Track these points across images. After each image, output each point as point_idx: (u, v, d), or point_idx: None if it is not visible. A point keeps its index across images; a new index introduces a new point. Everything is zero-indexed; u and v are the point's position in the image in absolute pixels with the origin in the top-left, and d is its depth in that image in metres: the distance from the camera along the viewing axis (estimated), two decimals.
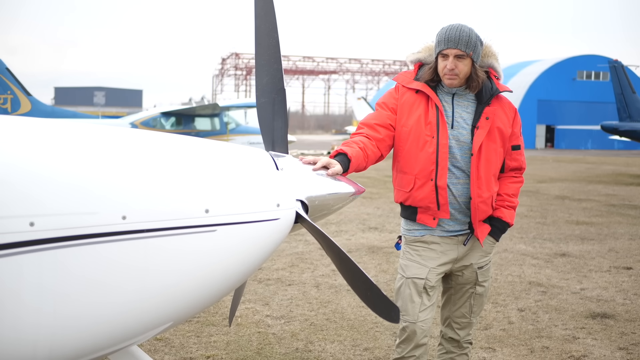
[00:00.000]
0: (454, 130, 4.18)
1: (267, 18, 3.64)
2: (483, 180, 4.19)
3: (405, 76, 4.33)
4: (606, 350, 6.10)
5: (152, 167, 2.97)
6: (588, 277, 9.14)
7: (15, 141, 2.77)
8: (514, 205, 4.36)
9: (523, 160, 4.42)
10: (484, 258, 4.38)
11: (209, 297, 3.12)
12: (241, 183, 3.17)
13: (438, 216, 4.20)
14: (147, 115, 28.08)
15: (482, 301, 4.47)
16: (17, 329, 2.63)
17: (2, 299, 2.58)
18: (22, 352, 2.67)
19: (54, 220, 2.63)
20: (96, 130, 3.11)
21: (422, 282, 4.21)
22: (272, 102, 3.67)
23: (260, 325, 6.64)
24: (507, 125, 4.26)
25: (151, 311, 2.94)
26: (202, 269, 2.99)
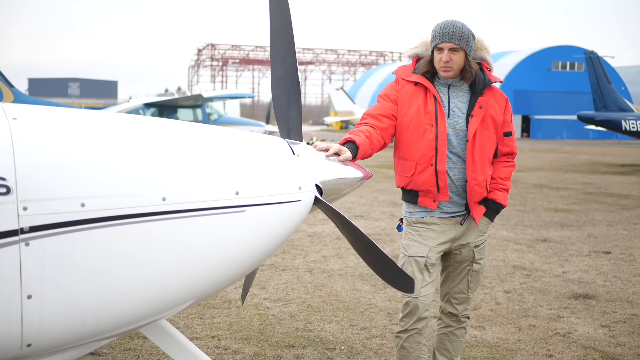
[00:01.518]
0: (450, 119, 4.47)
1: (282, 15, 3.90)
2: (478, 165, 4.47)
3: (404, 70, 4.62)
4: (589, 328, 6.44)
5: (188, 153, 3.24)
6: (569, 261, 9.50)
7: (67, 129, 3.03)
8: (506, 187, 4.68)
9: (514, 146, 4.72)
10: (480, 237, 4.66)
11: (235, 273, 3.39)
12: (266, 168, 3.44)
13: (438, 199, 4.48)
14: (129, 107, 28.16)
15: (479, 278, 4.76)
16: (69, 302, 2.90)
17: (57, 274, 2.84)
18: (72, 321, 2.93)
19: (102, 202, 2.89)
20: (135, 119, 3.38)
21: (423, 260, 4.49)
22: (287, 94, 3.94)
23: (260, 308, 6.91)
24: (499, 113, 4.56)
25: (185, 286, 3.20)
26: (232, 247, 3.25)
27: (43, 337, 2.89)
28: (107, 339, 3.23)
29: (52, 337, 2.92)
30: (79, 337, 3.02)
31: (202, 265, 3.19)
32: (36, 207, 2.78)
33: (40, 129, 2.98)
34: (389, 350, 5.78)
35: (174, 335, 3.70)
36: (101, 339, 3.17)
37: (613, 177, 24.05)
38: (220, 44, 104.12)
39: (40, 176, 2.82)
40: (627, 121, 28.80)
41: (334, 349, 5.78)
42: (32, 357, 2.97)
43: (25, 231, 2.76)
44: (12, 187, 2.74)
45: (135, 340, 5.81)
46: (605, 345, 5.98)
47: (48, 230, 2.80)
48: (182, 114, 27.90)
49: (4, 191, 2.72)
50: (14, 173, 2.75)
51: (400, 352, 4.60)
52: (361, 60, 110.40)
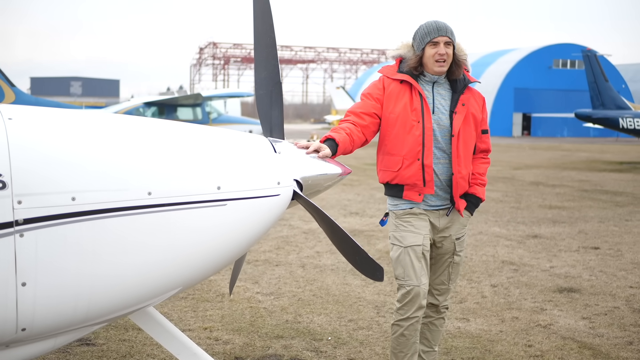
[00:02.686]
0: (435, 115, 4.69)
1: (265, 19, 4.13)
2: (462, 159, 4.71)
3: (389, 69, 4.81)
4: (571, 320, 6.65)
5: (172, 150, 3.47)
6: (557, 256, 9.71)
7: (59, 129, 3.25)
8: (484, 182, 4.93)
9: (489, 143, 5.00)
10: (461, 230, 4.87)
11: (218, 263, 3.61)
12: (247, 164, 3.66)
13: (424, 192, 4.67)
14: (130, 106, 28.43)
15: (459, 269, 4.96)
16: (61, 289, 3.12)
17: (49, 263, 3.06)
18: (64, 307, 3.15)
19: (91, 196, 3.12)
20: (122, 119, 3.60)
21: (420, 248, 4.66)
22: (269, 94, 4.17)
23: (252, 301, 7.13)
24: (478, 111, 4.81)
25: (170, 274, 3.43)
26: (214, 238, 3.48)
27: (37, 322, 3.11)
28: (98, 324, 3.45)
29: (45, 321, 3.14)
30: (70, 322, 3.24)
31: (186, 255, 3.41)
32: (30, 201, 3.00)
33: (34, 128, 3.20)
34: (374, 340, 6.00)
35: (164, 324, 3.93)
36: (92, 324, 3.39)
37: (610, 174, 24.24)
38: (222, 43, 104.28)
39: (34, 172, 3.04)
40: (625, 119, 28.99)
41: (321, 339, 5.99)
42: (26, 340, 3.19)
43: (20, 223, 2.98)
44: (8, 182, 2.96)
45: (129, 331, 6.03)
46: (584, 336, 6.19)
47: (41, 223, 3.03)
48: (182, 113, 28.15)
49: (0, 186, 2.94)
50: (10, 169, 2.97)
51: (399, 339, 4.70)
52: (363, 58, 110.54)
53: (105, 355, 5.51)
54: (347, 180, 19.66)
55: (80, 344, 5.71)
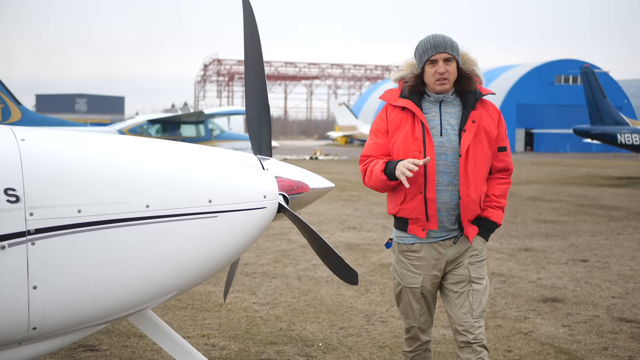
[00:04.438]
0: (443, 137, 4.36)
1: (254, 46, 4.52)
2: (471, 181, 4.35)
3: (391, 94, 4.52)
4: (552, 328, 6.99)
5: (168, 167, 3.85)
6: (546, 268, 10.05)
7: (66, 148, 3.65)
8: (501, 205, 4.52)
9: (509, 162, 4.58)
10: (475, 256, 4.50)
11: (210, 269, 3.98)
12: (235, 179, 4.03)
13: (427, 227, 4.39)
14: (134, 123, 28.91)
15: (481, 299, 4.50)
16: (68, 292, 3.48)
17: (58, 269, 3.43)
18: (71, 308, 3.52)
19: (95, 208, 3.50)
20: (123, 139, 3.99)
21: (418, 290, 4.50)
22: (258, 116, 4.56)
23: (248, 311, 7.48)
24: (492, 127, 4.43)
25: (166, 279, 3.80)
26: (206, 247, 3.85)
27: (46, 322, 3.48)
28: (101, 324, 3.81)
29: (54, 321, 3.50)
30: (76, 322, 3.61)
31: (181, 262, 3.78)
32: (41, 213, 3.37)
33: (44, 148, 3.58)
34: (362, 346, 6.34)
35: (161, 327, 4.30)
36: (95, 324, 3.75)
37: (608, 189, 24.54)
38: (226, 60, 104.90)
39: (44, 187, 3.41)
40: (623, 134, 29.36)
41: (312, 345, 6.34)
42: (37, 339, 3.56)
43: (31, 233, 3.35)
44: (21, 196, 3.33)
45: (132, 338, 6.39)
46: (562, 342, 6.52)
47: (51, 232, 3.40)
48: (185, 130, 28.61)
49: (14, 199, 3.31)
50: (23, 185, 3.34)
51: None
52: (367, 74, 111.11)
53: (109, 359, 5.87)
54: (347, 195, 20.10)
55: (85, 350, 6.07)
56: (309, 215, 15.49)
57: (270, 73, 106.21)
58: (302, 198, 4.56)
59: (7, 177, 3.33)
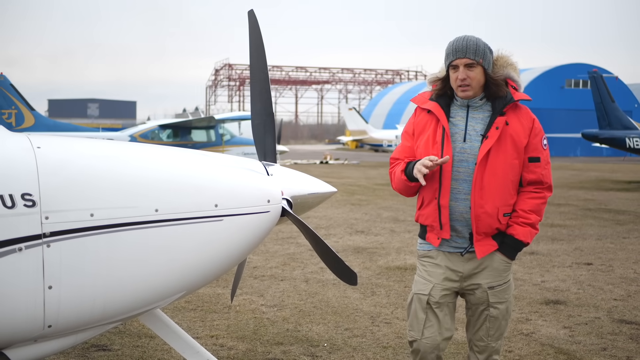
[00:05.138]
0: (466, 143, 4.19)
1: (259, 56, 4.71)
2: (487, 191, 4.13)
3: (422, 97, 4.42)
4: (552, 329, 7.13)
5: (176, 173, 4.04)
6: (550, 271, 10.18)
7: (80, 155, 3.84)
8: (530, 222, 4.22)
9: (544, 174, 4.28)
10: (496, 278, 4.28)
11: (216, 271, 4.17)
12: (241, 184, 4.22)
13: (441, 236, 4.24)
14: (145, 128, 29.20)
15: (500, 324, 4.34)
16: (81, 292, 3.67)
17: (72, 270, 3.62)
18: (84, 307, 3.71)
19: (107, 212, 3.69)
20: (133, 146, 4.18)
21: (425, 298, 4.26)
22: (263, 124, 4.74)
23: (256, 312, 7.66)
24: (522, 135, 4.19)
25: (174, 280, 3.98)
26: (212, 249, 4.04)
27: (61, 320, 3.67)
28: (112, 323, 4.00)
29: (68, 319, 3.69)
30: (89, 321, 3.80)
31: (188, 263, 3.97)
32: (56, 217, 3.56)
33: (59, 155, 3.78)
34: (366, 347, 6.51)
35: (170, 326, 4.50)
36: (107, 323, 3.94)
37: (616, 193, 24.59)
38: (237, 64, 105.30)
39: (59, 192, 3.61)
40: (631, 139, 29.38)
41: (318, 345, 6.52)
42: (52, 336, 3.75)
43: (47, 235, 3.54)
44: (37, 201, 3.52)
45: (142, 339, 6.58)
46: (562, 343, 6.67)
47: (65, 235, 3.59)
48: (196, 135, 28.85)
49: (31, 204, 3.50)
50: (39, 190, 3.54)
51: None
52: (377, 79, 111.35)
53: (120, 359, 6.05)
54: (356, 200, 20.29)
55: (97, 349, 6.26)
56: (319, 219, 15.69)
57: (282, 77, 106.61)
58: (306, 202, 4.75)
59: (24, 182, 3.52)
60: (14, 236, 3.47)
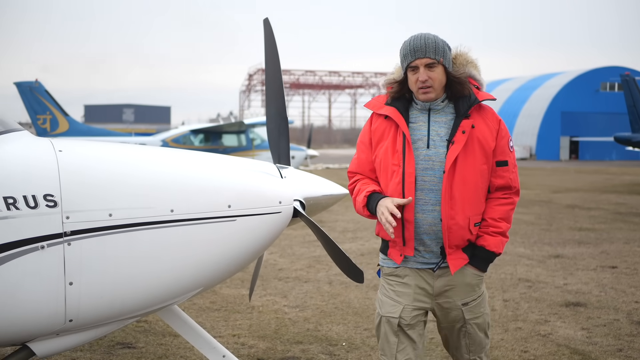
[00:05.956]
0: (431, 149, 3.87)
1: (274, 63, 4.88)
2: (457, 201, 3.84)
3: (377, 101, 4.07)
4: (570, 330, 7.20)
5: (191, 175, 4.22)
6: (574, 274, 10.22)
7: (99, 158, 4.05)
8: (500, 230, 3.95)
9: (512, 178, 3.99)
10: (469, 294, 3.99)
11: (230, 269, 4.34)
12: (253, 186, 4.39)
13: (404, 252, 3.94)
14: (177, 133, 29.59)
15: (479, 339, 4.08)
16: (101, 288, 3.86)
17: (91, 267, 3.81)
18: (103, 303, 3.90)
19: (125, 212, 3.87)
20: (150, 149, 4.38)
21: (396, 321, 3.96)
22: (278, 128, 4.91)
23: (279, 313, 7.83)
24: (489, 138, 3.90)
25: (189, 278, 4.16)
26: (226, 248, 4.21)
27: (81, 314, 3.86)
28: (131, 318, 4.19)
29: (88, 314, 3.88)
30: (108, 316, 3.99)
31: (203, 262, 4.15)
32: (76, 217, 3.76)
33: (79, 158, 3.98)
34: None
35: (187, 321, 4.68)
36: (126, 318, 4.13)
37: None
38: None
39: (79, 193, 3.80)
40: None
41: (336, 344, 6.66)
42: (73, 330, 3.94)
43: (68, 234, 3.73)
44: (58, 202, 3.72)
45: (166, 337, 6.77)
46: (579, 344, 6.74)
47: (85, 234, 3.78)
48: (227, 140, 29.14)
49: (53, 204, 3.70)
50: (60, 191, 3.73)
51: None
52: None
53: (144, 357, 6.25)
54: None
55: (122, 347, 6.47)
56: (346, 222, 15.86)
57: (315, 82, 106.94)
58: (319, 203, 4.90)
59: (46, 184, 3.72)
60: (36, 235, 3.67)
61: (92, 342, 6.48)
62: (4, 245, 3.62)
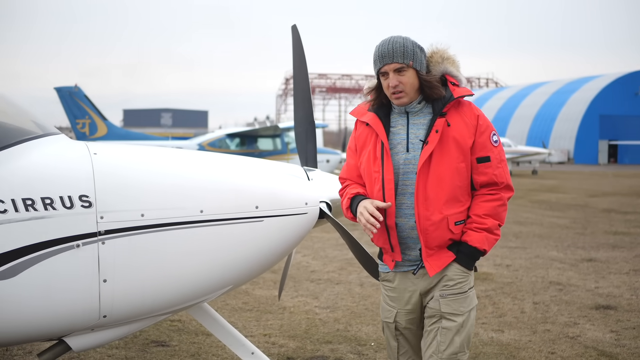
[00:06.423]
0: (410, 153, 3.85)
1: (301, 69, 5.02)
2: (432, 201, 3.80)
3: (360, 108, 4.07)
4: (599, 333, 7.23)
5: (220, 177, 4.36)
6: (606, 278, 10.20)
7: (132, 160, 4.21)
8: (485, 226, 3.85)
9: (497, 174, 3.89)
10: (448, 287, 3.89)
11: (257, 268, 4.48)
12: (280, 188, 4.52)
13: (394, 258, 3.98)
14: (213, 137, 29.88)
15: (453, 339, 3.85)
16: (133, 285, 4.02)
17: (124, 265, 3.97)
18: (135, 300, 4.05)
19: (156, 213, 4.03)
20: (180, 152, 4.54)
21: (392, 325, 4.04)
22: (305, 131, 5.04)
23: (309, 313, 7.96)
24: (465, 135, 3.82)
25: (218, 276, 4.30)
26: (254, 247, 4.35)
27: (115, 311, 4.02)
28: (163, 315, 4.34)
29: (121, 310, 4.04)
30: (141, 312, 4.14)
31: (231, 261, 4.29)
32: (110, 216, 3.92)
33: (113, 161, 4.15)
34: None
35: (217, 319, 4.83)
36: (158, 314, 4.29)
37: None
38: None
39: (113, 194, 3.96)
40: None
41: (365, 344, 6.77)
42: (107, 326, 4.10)
43: (102, 233, 3.90)
44: (93, 202, 3.89)
45: (199, 336, 6.94)
46: (607, 346, 6.77)
47: (118, 233, 3.94)
48: (262, 144, 29.37)
49: (87, 205, 3.87)
50: (94, 192, 3.90)
51: None
52: None
53: (177, 354, 6.41)
54: None
55: (156, 345, 6.65)
56: None
57: (351, 86, 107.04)
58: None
59: (82, 185, 3.89)
60: (72, 234, 3.83)
61: (127, 339, 6.68)
62: (42, 243, 3.78)
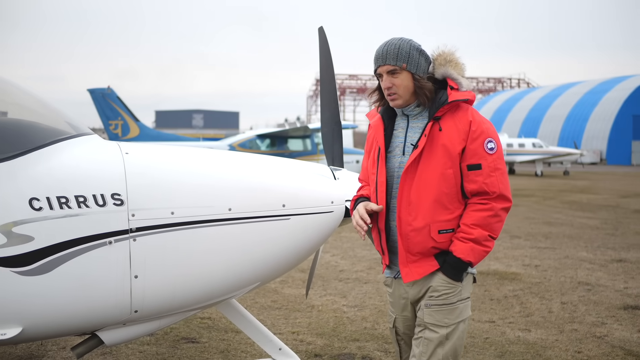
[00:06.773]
0: (405, 156, 3.82)
1: (328, 70, 5.10)
2: (415, 206, 3.73)
3: (373, 110, 4.10)
4: (626, 333, 7.23)
5: (247, 176, 4.47)
6: (635, 278, 10.17)
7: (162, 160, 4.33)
8: (472, 237, 3.70)
9: (488, 183, 3.74)
10: (432, 298, 3.78)
11: (284, 265, 4.57)
12: (307, 187, 4.62)
13: (385, 262, 3.99)
14: (244, 138, 30.08)
15: (435, 351, 3.73)
16: (163, 281, 4.13)
17: (155, 262, 4.08)
18: (166, 295, 4.17)
19: (186, 211, 4.14)
20: (209, 151, 4.65)
21: (393, 330, 4.08)
22: (332, 131, 5.13)
23: (337, 312, 8.04)
24: (455, 140, 3.71)
25: (246, 273, 4.41)
26: (281, 245, 4.45)
27: (146, 306, 4.13)
28: (192, 310, 4.45)
29: (152, 306, 4.16)
30: (171, 307, 4.26)
31: (258, 259, 4.39)
32: (141, 214, 4.04)
33: (144, 160, 4.27)
34: None
35: (245, 315, 4.94)
36: (187, 310, 4.40)
37: None
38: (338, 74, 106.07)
39: (144, 193, 4.08)
40: None
41: (391, 342, 6.83)
42: (138, 320, 4.22)
43: (133, 231, 4.02)
44: (125, 200, 4.01)
45: (228, 333, 7.05)
46: (634, 345, 6.77)
47: (149, 231, 4.06)
48: (292, 144, 29.50)
49: (119, 203, 3.99)
50: (126, 191, 4.02)
51: None
52: (479, 87, 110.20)
53: (207, 351, 6.53)
54: None
55: (187, 342, 6.77)
56: None
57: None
58: None
59: (114, 184, 4.01)
60: (104, 231, 3.96)
61: (158, 336, 6.81)
62: (76, 240, 3.91)
